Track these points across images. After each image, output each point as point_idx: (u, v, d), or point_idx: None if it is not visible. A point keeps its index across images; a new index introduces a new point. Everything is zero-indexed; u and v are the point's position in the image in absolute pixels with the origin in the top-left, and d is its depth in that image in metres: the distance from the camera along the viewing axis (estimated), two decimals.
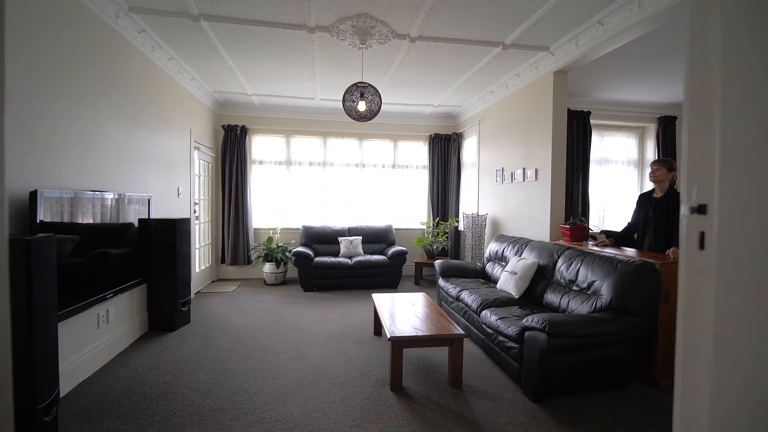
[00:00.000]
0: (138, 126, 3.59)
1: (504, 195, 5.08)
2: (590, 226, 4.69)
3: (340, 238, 5.94)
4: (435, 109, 6.21)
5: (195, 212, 5.11)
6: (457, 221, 6.38)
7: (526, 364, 2.58)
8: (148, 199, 3.53)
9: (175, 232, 3.66)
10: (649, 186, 5.98)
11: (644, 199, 3.42)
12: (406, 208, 6.86)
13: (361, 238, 6.01)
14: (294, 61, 4.25)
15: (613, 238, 3.61)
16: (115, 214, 3.00)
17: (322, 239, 6.00)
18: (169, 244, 3.66)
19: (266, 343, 3.46)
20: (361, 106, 3.49)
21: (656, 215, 3.25)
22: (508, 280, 3.63)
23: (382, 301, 3.48)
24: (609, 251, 3.25)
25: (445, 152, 6.71)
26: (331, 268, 5.40)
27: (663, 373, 2.74)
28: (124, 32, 3.27)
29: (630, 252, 3.20)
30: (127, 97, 3.37)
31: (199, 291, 5.28)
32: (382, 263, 5.56)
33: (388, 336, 2.60)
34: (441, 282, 4.31)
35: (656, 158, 3.26)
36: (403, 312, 3.14)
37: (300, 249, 5.46)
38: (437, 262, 4.57)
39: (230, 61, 4.27)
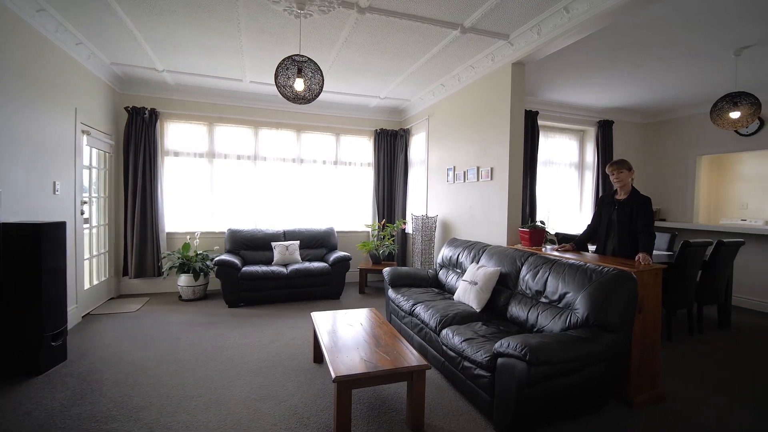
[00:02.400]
0: None
1: (456, 195, 4.73)
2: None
3: (273, 244, 5.18)
4: (381, 101, 5.72)
5: (83, 213, 4.03)
6: (405, 223, 5.96)
7: (499, 396, 2.16)
8: None
9: (40, 240, 2.70)
10: (588, 188, 6.10)
11: (607, 202, 3.24)
12: (349, 209, 6.26)
13: (298, 242, 5.31)
14: (215, 28, 3.47)
15: (573, 243, 3.39)
16: None
17: (252, 245, 5.19)
18: (30, 257, 2.69)
19: (171, 384, 2.66)
20: (299, 84, 2.85)
21: (620, 217, 3.07)
22: (467, 290, 3.23)
23: (323, 321, 2.87)
24: (570, 256, 3.00)
25: (391, 149, 6.24)
26: (263, 278, 4.63)
27: (637, 390, 2.51)
28: None
29: (593, 257, 2.97)
30: None
31: (89, 313, 4.20)
32: (323, 271, 4.92)
33: (333, 375, 2.02)
34: (391, 293, 3.81)
35: (615, 160, 3.11)
36: (350, 336, 2.57)
37: (224, 257, 4.61)
38: (386, 271, 4.07)
39: (128, 22, 3.36)
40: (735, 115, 3.62)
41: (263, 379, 2.74)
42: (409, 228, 5.92)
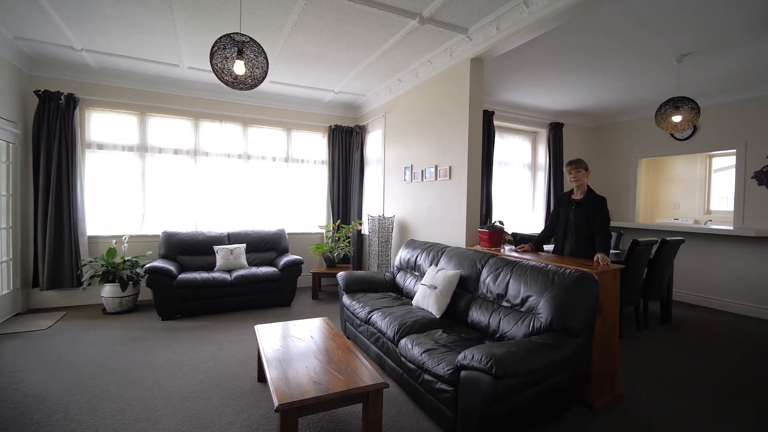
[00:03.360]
0: None
1: (413, 195, 4.57)
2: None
3: (216, 247, 4.71)
4: (336, 96, 5.43)
5: None
6: (361, 224, 5.71)
7: (462, 412, 1.99)
8: None
9: None
10: (540, 189, 6.22)
11: (564, 201, 3.21)
12: (301, 210, 5.90)
13: (244, 246, 4.87)
14: (141, 1, 3.01)
15: (532, 243, 3.34)
16: None
17: (191, 249, 4.68)
18: None
19: (80, 419, 2.21)
20: (239, 67, 2.51)
21: (578, 218, 3.05)
22: (426, 295, 3.06)
23: (268, 335, 2.55)
24: (530, 257, 2.93)
25: (346, 146, 5.97)
26: (202, 286, 4.17)
27: (597, 393, 2.46)
28: None
29: (553, 258, 2.91)
30: None
31: None
32: (272, 276, 4.54)
33: (276, 402, 1.73)
34: (345, 300, 3.55)
35: (573, 159, 3.07)
36: (298, 352, 2.28)
37: (157, 263, 4.09)
38: (340, 275, 3.80)
39: None
40: (677, 118, 3.77)
41: (197, 406, 2.37)
42: (365, 229, 5.69)
